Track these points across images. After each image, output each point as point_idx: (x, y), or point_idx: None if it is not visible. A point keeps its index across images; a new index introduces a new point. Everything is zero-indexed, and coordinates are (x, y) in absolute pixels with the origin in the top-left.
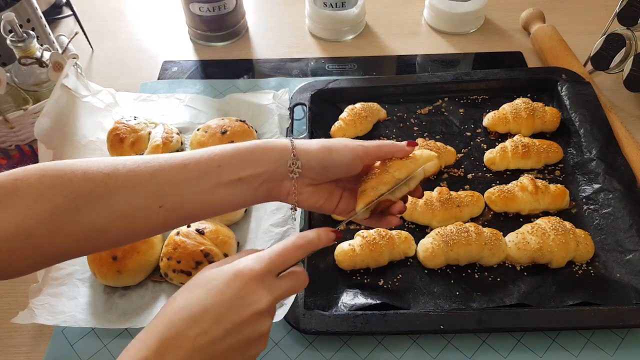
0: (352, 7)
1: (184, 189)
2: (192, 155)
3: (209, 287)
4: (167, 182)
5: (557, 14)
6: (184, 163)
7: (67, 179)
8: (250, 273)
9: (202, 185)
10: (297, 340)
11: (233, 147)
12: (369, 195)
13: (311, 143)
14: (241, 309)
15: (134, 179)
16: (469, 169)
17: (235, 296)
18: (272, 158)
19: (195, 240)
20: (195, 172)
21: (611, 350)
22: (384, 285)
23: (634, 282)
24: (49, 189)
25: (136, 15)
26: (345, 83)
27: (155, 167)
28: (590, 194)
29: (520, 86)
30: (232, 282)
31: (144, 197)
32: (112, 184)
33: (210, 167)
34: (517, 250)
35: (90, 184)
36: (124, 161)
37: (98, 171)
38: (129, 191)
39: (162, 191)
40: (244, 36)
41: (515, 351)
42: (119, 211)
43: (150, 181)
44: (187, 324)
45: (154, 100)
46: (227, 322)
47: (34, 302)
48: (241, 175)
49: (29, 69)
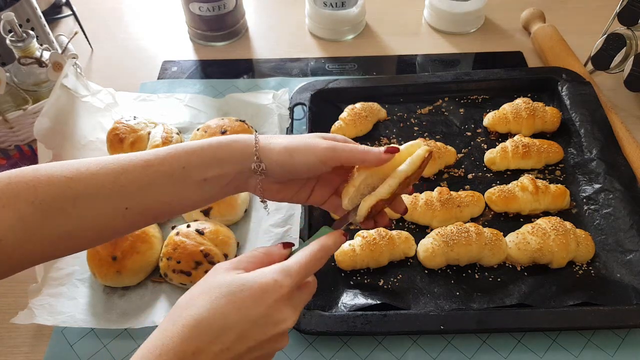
0: (352, 7)
1: (148, 191)
2: (157, 154)
3: (234, 300)
4: (130, 184)
5: (558, 14)
6: (147, 164)
7: (31, 185)
8: (280, 291)
9: (167, 188)
10: (297, 341)
11: (198, 145)
12: (367, 204)
13: (275, 144)
14: (267, 327)
15: (97, 182)
16: (469, 169)
17: (263, 314)
18: (236, 158)
19: (195, 241)
20: (160, 173)
21: (611, 351)
22: (384, 286)
23: (634, 282)
24: (14, 196)
25: (136, 15)
26: (345, 83)
27: (118, 169)
28: (591, 194)
29: (520, 86)
30: (259, 300)
31: (108, 200)
32: (76, 187)
33: (175, 168)
34: (517, 251)
35: (54, 189)
36: (88, 164)
37: (62, 175)
38: (92, 196)
39: (126, 193)
40: (244, 36)
41: (515, 351)
42: (85, 215)
43: (114, 184)
44: (209, 339)
45: (154, 100)
46: (251, 340)
47: (33, 302)
48: (206, 176)
49: (28, 68)
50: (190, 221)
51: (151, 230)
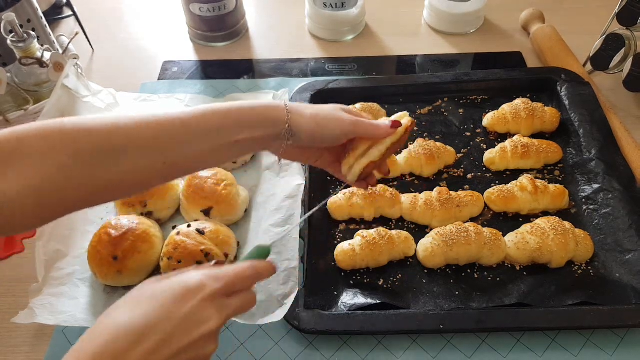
0: (352, 8)
1: (185, 149)
2: (194, 114)
3: (155, 301)
4: (169, 141)
5: (557, 14)
6: (185, 124)
7: (70, 138)
8: (204, 291)
9: (202, 146)
10: (297, 340)
11: (235, 109)
12: (360, 166)
13: (304, 115)
14: (190, 328)
15: (137, 138)
16: (469, 169)
17: (185, 313)
18: (268, 124)
19: (195, 240)
20: (197, 133)
21: (610, 350)
22: (383, 285)
23: (633, 282)
24: (52, 149)
25: (136, 16)
26: (345, 83)
27: (157, 127)
28: (590, 194)
29: (519, 86)
30: (181, 299)
31: (148, 155)
32: (117, 142)
33: (211, 129)
34: (516, 250)
35: (94, 143)
36: (126, 120)
37: (102, 129)
38: (133, 150)
39: (165, 149)
40: (244, 36)
41: (514, 351)
42: (124, 169)
43: (153, 140)
44: (130, 342)
45: (154, 100)
46: (175, 342)
47: (34, 301)
48: (238, 139)
49: (29, 69)
50: (191, 221)
51: (152, 230)
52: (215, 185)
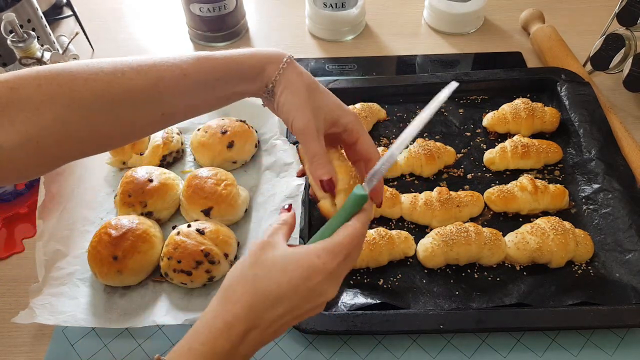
0: (352, 8)
1: (184, 98)
2: (193, 63)
3: (285, 275)
4: (168, 91)
5: (557, 14)
6: (184, 74)
7: (67, 88)
8: (326, 270)
9: (200, 96)
10: (297, 340)
11: (234, 59)
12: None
13: (301, 93)
14: (311, 299)
15: (135, 89)
16: (469, 169)
17: (310, 289)
18: (261, 79)
19: (195, 240)
20: (195, 83)
21: (610, 350)
22: (383, 285)
23: (633, 282)
24: (49, 99)
25: (136, 16)
26: (345, 83)
27: (156, 76)
28: (590, 194)
29: (519, 86)
30: (307, 278)
31: (146, 106)
32: (115, 93)
33: (209, 78)
34: (516, 250)
35: (91, 93)
36: (123, 69)
37: (99, 79)
38: (131, 101)
39: (163, 100)
40: (244, 37)
41: (514, 351)
42: (122, 119)
43: (152, 89)
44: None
45: None
46: (297, 310)
47: (34, 301)
48: (236, 90)
49: None
50: (191, 221)
51: (152, 230)
52: (215, 185)
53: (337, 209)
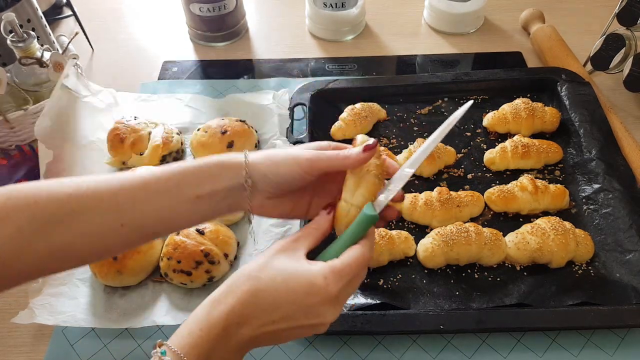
0: (352, 7)
1: (144, 207)
2: (153, 173)
3: (286, 286)
4: (128, 200)
5: (557, 14)
6: (144, 181)
7: (32, 200)
8: (326, 292)
9: (162, 203)
10: (297, 341)
11: (193, 164)
12: (358, 202)
13: (261, 159)
14: (309, 316)
15: (95, 197)
16: (469, 169)
17: (308, 305)
18: (228, 175)
19: (195, 240)
20: (155, 189)
21: (611, 350)
22: (383, 285)
23: (633, 282)
24: (13, 211)
25: (136, 16)
26: (345, 83)
27: (117, 186)
28: (590, 194)
29: (520, 86)
30: (308, 294)
31: (105, 215)
32: (75, 202)
33: (169, 185)
34: (516, 250)
35: (54, 204)
36: (87, 181)
37: (61, 191)
38: (90, 210)
39: (123, 209)
40: (244, 36)
41: (515, 351)
42: (82, 230)
43: (111, 200)
44: (262, 310)
45: (154, 100)
46: (293, 321)
47: (34, 302)
48: (199, 193)
49: (29, 69)
50: None
51: None
52: None
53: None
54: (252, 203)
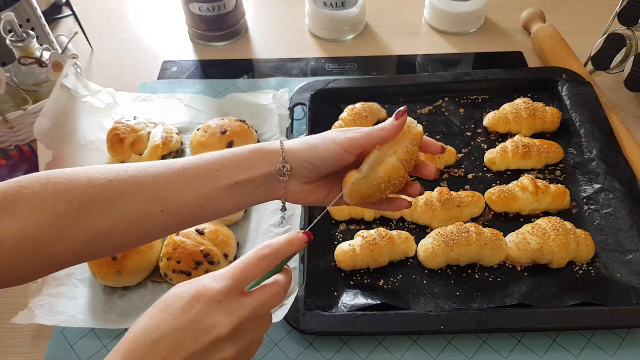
0: (352, 7)
1: (184, 193)
2: (192, 160)
3: (166, 311)
4: (168, 186)
5: (558, 14)
6: (183, 168)
7: (71, 185)
8: (207, 294)
9: (201, 189)
10: (297, 341)
11: (230, 152)
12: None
13: (298, 144)
14: (197, 334)
15: (136, 183)
16: (469, 169)
17: (190, 320)
18: (265, 162)
19: (195, 241)
20: (195, 176)
21: (611, 351)
22: (384, 286)
23: (634, 282)
24: (53, 195)
25: (136, 15)
26: (345, 83)
27: (157, 172)
28: (591, 194)
29: (520, 86)
30: (188, 306)
31: (146, 201)
32: (115, 189)
33: (209, 171)
34: (517, 251)
35: (93, 190)
36: (126, 167)
37: (101, 177)
38: (131, 196)
39: (163, 195)
40: (244, 36)
41: (515, 351)
42: (121, 216)
43: (152, 185)
44: (145, 352)
45: (154, 100)
46: (184, 350)
47: (33, 302)
48: (238, 180)
49: (28, 68)
50: None
51: None
52: None
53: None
54: (288, 189)
